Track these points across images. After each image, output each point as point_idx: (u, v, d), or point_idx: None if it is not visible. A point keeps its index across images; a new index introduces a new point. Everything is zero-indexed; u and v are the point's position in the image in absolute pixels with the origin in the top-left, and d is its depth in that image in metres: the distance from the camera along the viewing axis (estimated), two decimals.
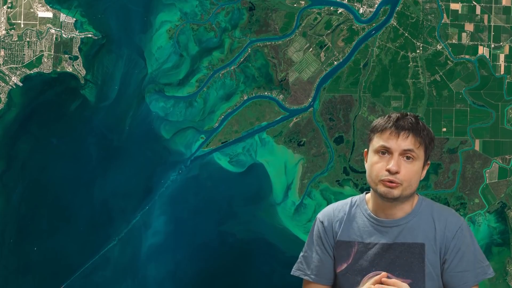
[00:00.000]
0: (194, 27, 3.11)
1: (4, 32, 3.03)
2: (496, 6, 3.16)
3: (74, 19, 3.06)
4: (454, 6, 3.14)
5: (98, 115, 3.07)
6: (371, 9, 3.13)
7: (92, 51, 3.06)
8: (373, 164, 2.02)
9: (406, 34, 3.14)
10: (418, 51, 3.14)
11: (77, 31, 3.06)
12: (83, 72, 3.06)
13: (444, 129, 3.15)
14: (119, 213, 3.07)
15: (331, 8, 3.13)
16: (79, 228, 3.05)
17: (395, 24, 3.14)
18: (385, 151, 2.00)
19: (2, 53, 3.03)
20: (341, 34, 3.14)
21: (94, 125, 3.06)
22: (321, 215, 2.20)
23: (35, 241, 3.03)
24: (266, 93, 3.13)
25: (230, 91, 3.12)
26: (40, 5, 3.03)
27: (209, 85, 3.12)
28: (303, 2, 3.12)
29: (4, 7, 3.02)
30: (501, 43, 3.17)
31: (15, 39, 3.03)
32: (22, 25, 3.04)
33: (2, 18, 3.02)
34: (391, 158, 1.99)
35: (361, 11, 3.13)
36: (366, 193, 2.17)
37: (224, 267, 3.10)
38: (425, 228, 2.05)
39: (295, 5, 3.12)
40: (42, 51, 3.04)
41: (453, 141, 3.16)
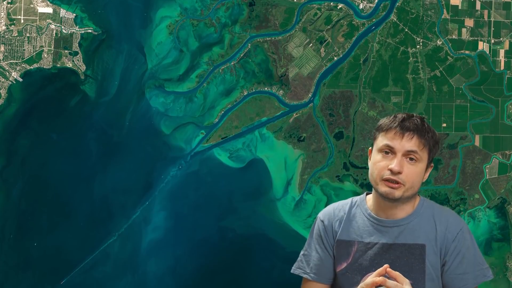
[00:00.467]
0: (194, 23, 3.11)
1: (4, 28, 3.03)
2: (496, 2, 3.16)
3: (74, 15, 3.06)
4: (454, 2, 3.14)
5: (98, 111, 3.07)
6: (371, 5, 3.13)
7: (92, 47, 3.06)
8: (376, 163, 2.02)
9: (406, 30, 3.14)
10: (418, 47, 3.14)
11: (77, 27, 3.06)
12: (83, 68, 3.06)
13: (444, 125, 3.15)
14: (119, 209, 3.07)
15: (331, 4, 3.13)
16: (79, 224, 3.05)
17: (395, 20, 3.14)
18: (389, 151, 2.01)
19: (2, 49, 3.03)
20: (341, 30, 3.14)
21: (94, 121, 3.06)
22: (322, 214, 2.20)
23: (35, 237, 3.03)
24: (266, 89, 3.13)
25: (230, 87, 3.12)
26: (40, 1, 3.03)
27: (209, 81, 3.12)
28: None
29: (4, 3, 3.02)
30: (501, 39, 3.17)
31: (15, 35, 3.03)
32: (22, 21, 3.04)
33: (2, 14, 3.02)
34: (394, 158, 1.99)
35: (361, 7, 3.13)
36: (367, 194, 2.17)
37: (224, 263, 3.09)
38: (426, 229, 2.05)
39: (295, 1, 3.12)
40: (42, 47, 3.04)
41: (453, 137, 3.16)
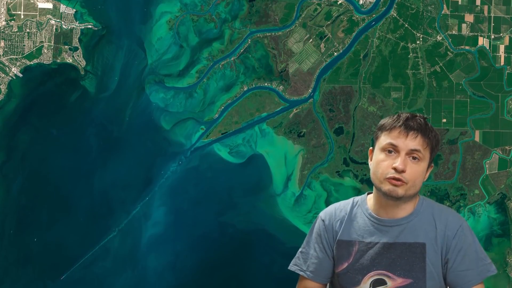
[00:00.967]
0: (194, 18, 3.11)
1: (4, 23, 3.03)
2: None
3: (74, 10, 3.06)
4: None
5: (98, 106, 3.07)
6: (371, 0, 3.13)
7: (92, 42, 3.06)
8: (379, 162, 2.02)
9: (406, 25, 3.14)
10: (418, 42, 3.14)
11: (77, 22, 3.06)
12: (83, 63, 3.07)
13: (444, 120, 3.15)
14: (119, 204, 3.08)
15: None
16: (79, 219, 3.05)
17: (395, 15, 3.14)
18: (392, 150, 2.01)
19: (2, 44, 3.03)
20: (341, 25, 3.14)
21: (94, 116, 3.06)
22: (323, 214, 2.21)
23: (35, 232, 3.03)
24: (266, 84, 3.13)
25: (230, 82, 3.13)
26: None
27: (209, 76, 3.12)
28: None
29: None
30: (501, 34, 3.17)
31: (15, 30, 3.04)
32: (22, 16, 3.04)
33: (2, 9, 3.02)
34: (398, 157, 1.99)
35: (361, 2, 3.13)
36: (368, 193, 2.17)
37: (224, 258, 3.10)
38: (426, 228, 2.05)
39: None
40: (42, 42, 3.04)
41: (453, 132, 3.16)
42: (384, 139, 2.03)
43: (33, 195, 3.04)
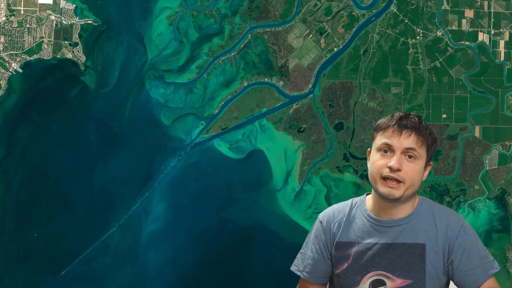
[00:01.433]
0: (194, 14, 3.11)
1: (4, 19, 3.03)
2: None
3: (74, 6, 3.06)
4: None
5: (98, 102, 3.07)
6: None
7: (92, 38, 3.06)
8: (375, 162, 2.03)
9: (406, 21, 3.14)
10: (418, 38, 3.14)
11: (77, 18, 3.06)
12: (83, 59, 3.07)
13: (444, 116, 3.15)
14: (119, 200, 3.07)
15: None
16: (79, 215, 3.05)
17: (395, 11, 3.14)
18: (387, 149, 2.01)
19: (2, 40, 3.03)
20: (341, 21, 3.14)
21: (94, 112, 3.06)
22: (322, 215, 2.21)
23: (35, 228, 3.03)
24: (266, 80, 3.13)
25: (230, 78, 3.13)
26: None
27: (209, 72, 3.12)
28: None
29: None
30: (501, 30, 3.17)
31: (15, 26, 3.03)
32: (22, 12, 3.04)
33: (2, 5, 3.02)
34: (393, 156, 2.00)
35: None
36: (367, 194, 2.17)
37: (224, 254, 3.10)
38: (426, 229, 2.06)
39: None
40: (42, 38, 3.04)
41: (453, 128, 3.16)
42: (379, 139, 2.04)
43: (33, 191, 3.04)
